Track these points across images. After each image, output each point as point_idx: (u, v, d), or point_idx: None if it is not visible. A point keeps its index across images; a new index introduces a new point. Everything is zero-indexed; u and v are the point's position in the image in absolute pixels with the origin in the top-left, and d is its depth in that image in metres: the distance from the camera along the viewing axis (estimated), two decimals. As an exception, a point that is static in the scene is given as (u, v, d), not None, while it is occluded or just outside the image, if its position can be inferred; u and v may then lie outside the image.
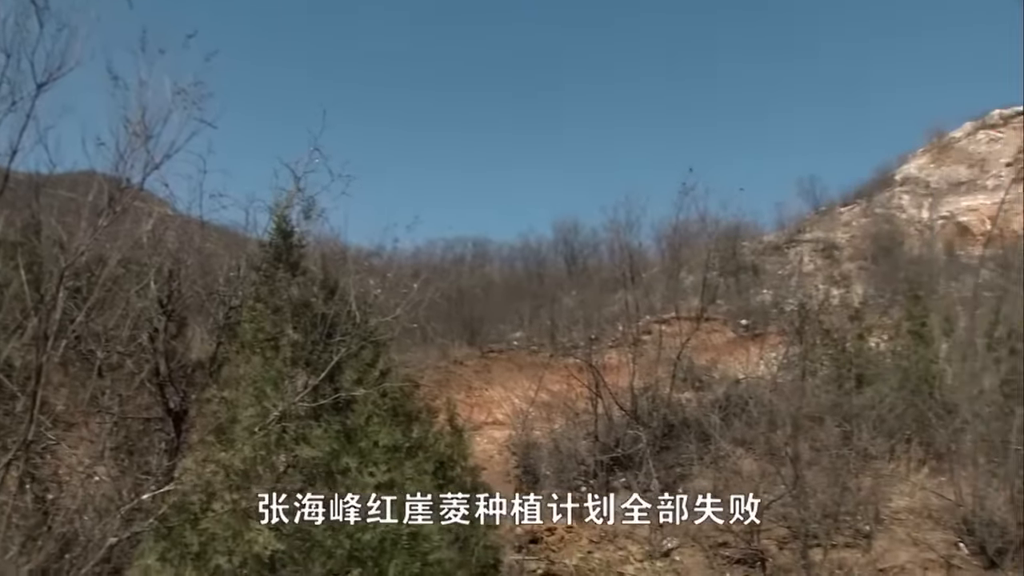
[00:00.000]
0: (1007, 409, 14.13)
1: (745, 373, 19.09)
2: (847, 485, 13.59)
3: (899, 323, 19.41)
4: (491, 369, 26.45)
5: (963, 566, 12.73)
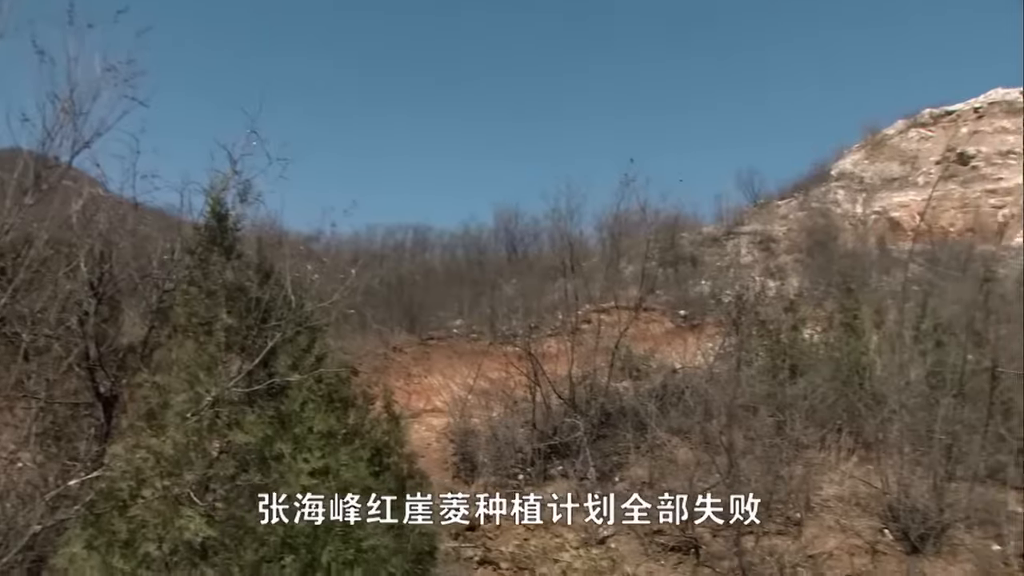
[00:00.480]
0: (932, 400, 14.49)
1: (682, 363, 19.31)
2: (780, 474, 13.85)
3: (832, 315, 19.78)
4: (430, 357, 26.36)
5: (887, 551, 13.06)
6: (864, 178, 55.22)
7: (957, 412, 14.24)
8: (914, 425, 14.32)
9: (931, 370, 15.39)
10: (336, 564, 7.98)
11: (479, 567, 13.63)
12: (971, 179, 52.74)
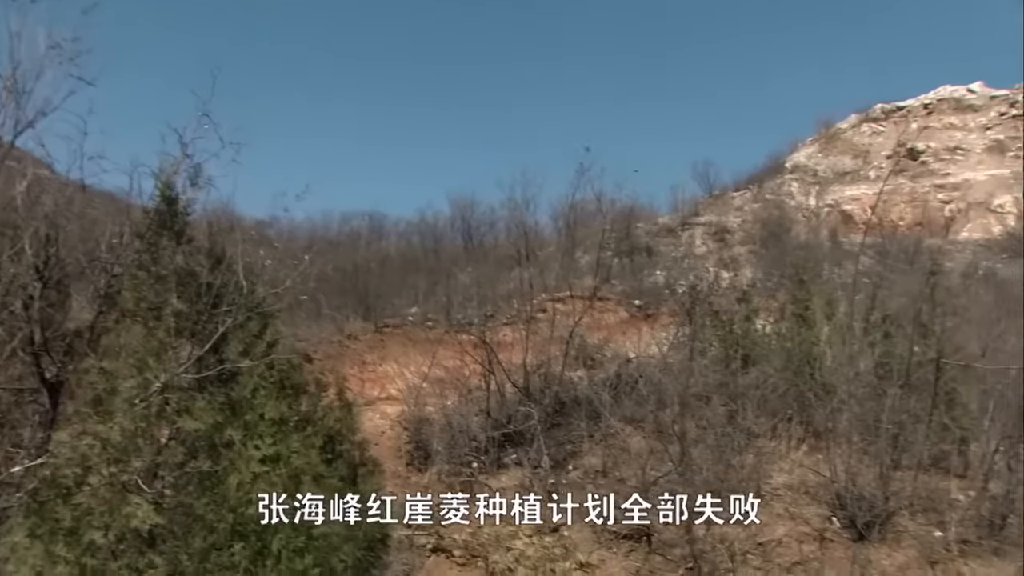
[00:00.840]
0: (880, 390, 14.74)
1: (636, 352, 19.38)
2: (731, 462, 13.97)
3: (784, 306, 19.99)
4: (386, 344, 26.23)
5: (835, 539, 13.26)
6: (817, 171, 55.98)
7: (903, 402, 14.51)
8: (862, 415, 14.56)
9: (879, 361, 15.65)
10: (286, 552, 7.93)
11: (432, 555, 13.61)
12: (920, 174, 53.67)
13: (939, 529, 13.68)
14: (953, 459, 15.45)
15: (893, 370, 15.09)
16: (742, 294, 21.17)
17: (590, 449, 15.29)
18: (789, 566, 12.79)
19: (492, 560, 12.76)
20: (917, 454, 14.46)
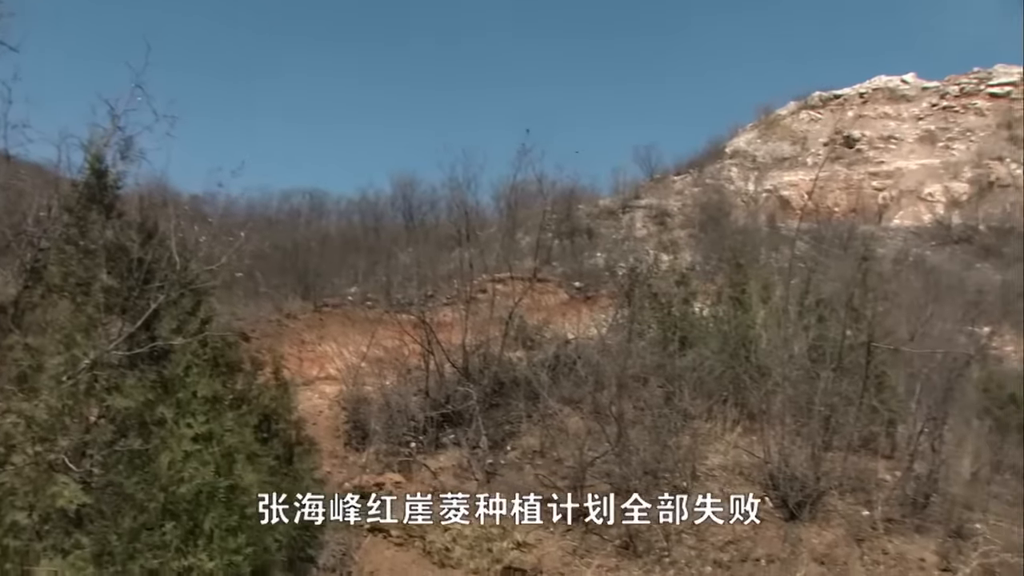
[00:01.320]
0: (813, 373, 15.01)
1: (575, 334, 19.48)
2: (667, 443, 14.13)
3: (721, 289, 20.22)
4: (325, 324, 25.99)
5: (767, 518, 13.46)
6: (757, 157, 56.77)
7: (835, 385, 14.77)
8: (795, 397, 14.80)
9: (812, 344, 15.91)
10: (219, 531, 7.82)
11: (369, 534, 13.52)
12: (855, 162, 54.72)
13: (866, 508, 14.00)
14: (881, 440, 15.84)
15: (826, 353, 15.37)
16: (681, 277, 21.38)
17: (528, 430, 15.32)
18: (722, 545, 12.98)
19: (429, 540, 12.73)
20: (847, 435, 14.75)
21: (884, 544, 13.33)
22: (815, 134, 57.72)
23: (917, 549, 13.45)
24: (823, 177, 47.14)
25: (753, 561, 12.75)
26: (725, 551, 12.92)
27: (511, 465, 14.69)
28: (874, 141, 56.31)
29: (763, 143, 58.45)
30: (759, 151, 57.45)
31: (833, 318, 16.71)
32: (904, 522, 13.93)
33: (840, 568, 12.65)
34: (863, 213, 47.01)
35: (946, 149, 55.46)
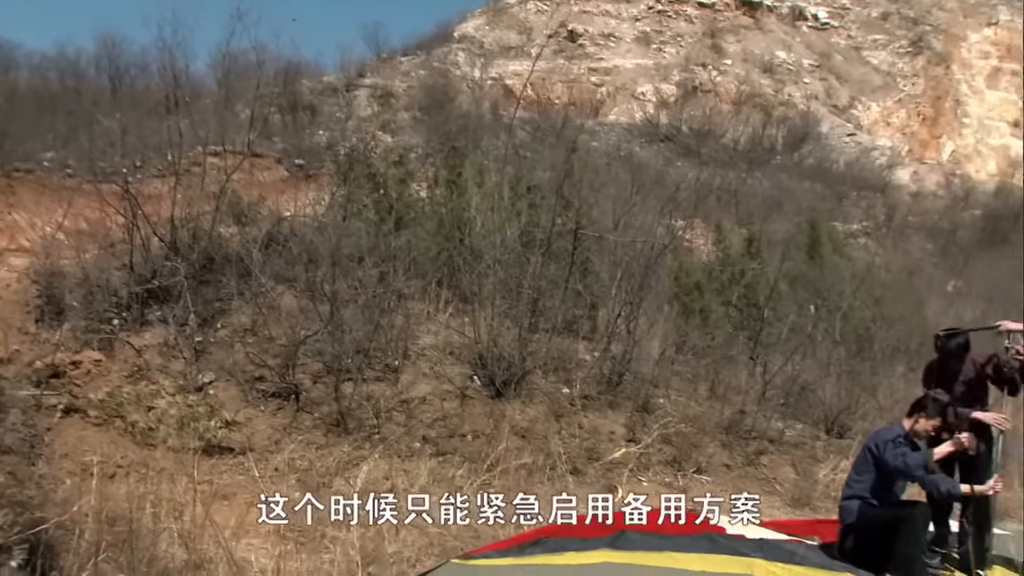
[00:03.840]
0: (523, 258, 15.58)
1: (293, 211, 18.97)
2: (380, 322, 14.21)
3: (439, 172, 20.37)
4: (16, 191, 23.72)
5: (475, 396, 13.99)
6: (484, 43, 57.13)
7: (544, 269, 15.40)
8: (506, 280, 15.27)
9: (524, 230, 16.40)
10: None
11: (64, 416, 12.70)
12: (577, 56, 56.51)
13: (566, 386, 14.87)
14: (583, 323, 16.78)
15: (536, 239, 15.93)
16: (399, 157, 21.30)
17: (240, 307, 14.82)
18: (431, 422, 13.35)
19: (130, 420, 12.16)
20: (553, 318, 15.51)
21: (580, 419, 14.30)
22: (541, 25, 58.84)
23: (609, 423, 14.57)
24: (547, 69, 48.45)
25: (460, 436, 13.24)
26: (433, 427, 13.32)
27: (221, 343, 14.21)
28: (595, 37, 58.34)
29: (491, 30, 58.88)
30: (487, 38, 57.86)
31: (544, 205, 17.31)
32: (599, 399, 15.00)
33: (539, 441, 13.43)
34: (581, 107, 48.84)
35: (659, 51, 58.59)
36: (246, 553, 8.67)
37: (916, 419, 9.15)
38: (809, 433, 16.42)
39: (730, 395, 16.17)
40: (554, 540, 8.40)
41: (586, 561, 7.99)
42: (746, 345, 18.33)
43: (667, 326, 17.55)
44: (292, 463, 11.61)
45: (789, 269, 21.38)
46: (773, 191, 33.80)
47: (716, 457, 14.50)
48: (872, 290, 22.90)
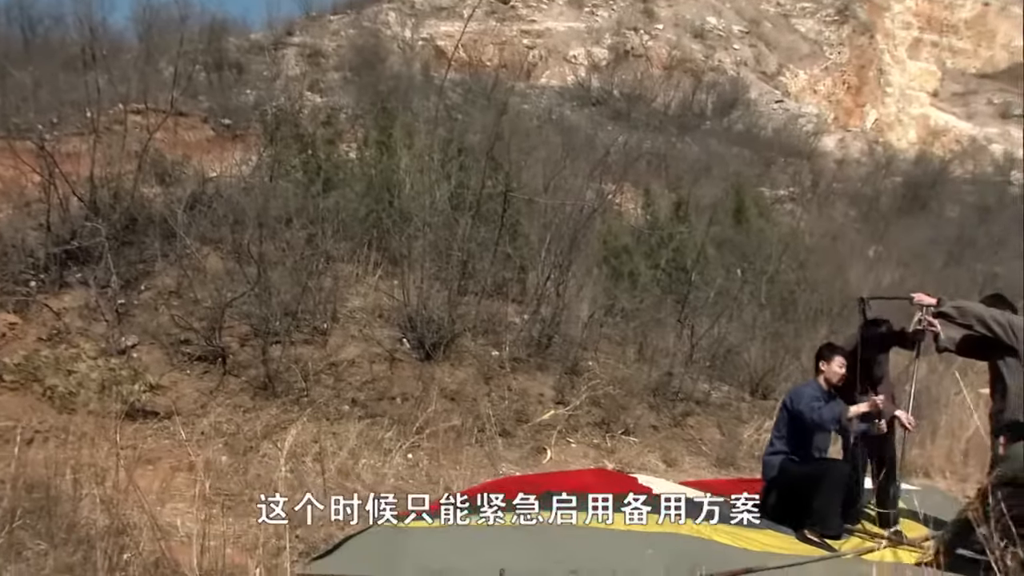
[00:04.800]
0: (453, 220, 15.54)
1: (219, 172, 18.58)
2: (308, 285, 14.07)
3: (369, 133, 20.12)
4: (-82, 148, 22.77)
5: (404, 359, 13.99)
6: (415, 3, 56.39)
7: (473, 232, 15.38)
8: (436, 242, 15.24)
9: (454, 192, 16.35)
10: None
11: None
12: (510, 18, 56.14)
13: (496, 349, 14.95)
14: (513, 286, 16.82)
15: (466, 201, 15.88)
16: (327, 118, 20.98)
17: (164, 269, 14.50)
18: (360, 385, 13.33)
19: (49, 384, 11.86)
20: (482, 280, 15.52)
21: (509, 381, 14.41)
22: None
23: (538, 385, 14.70)
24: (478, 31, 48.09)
25: (389, 399, 13.25)
26: (362, 390, 13.29)
27: (145, 306, 13.92)
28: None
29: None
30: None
31: (474, 168, 17.24)
32: (528, 361, 15.12)
33: (469, 404, 13.51)
34: (513, 69, 48.61)
35: (591, 15, 58.49)
36: (171, 518, 8.59)
37: (820, 368, 9.49)
38: (734, 394, 16.80)
39: (658, 358, 16.42)
40: (482, 502, 8.45)
41: (514, 523, 8.08)
42: (674, 308, 18.58)
43: (596, 289, 17.71)
44: (219, 427, 11.50)
45: (716, 233, 21.68)
46: (702, 156, 34.13)
47: (644, 419, 14.74)
48: (797, 254, 23.38)
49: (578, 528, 8.06)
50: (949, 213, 40.19)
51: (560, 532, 8.02)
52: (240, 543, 8.22)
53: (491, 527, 7.91)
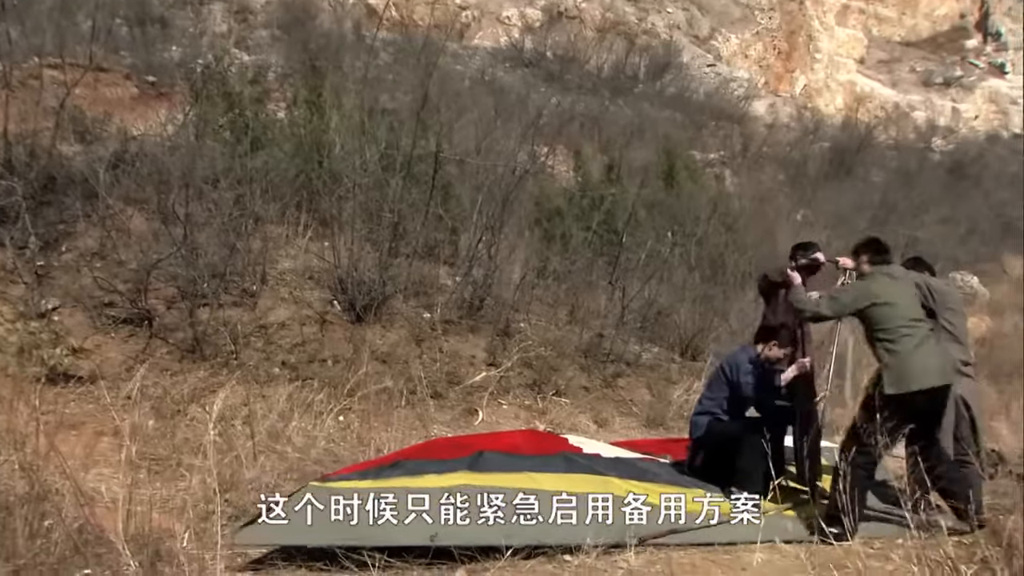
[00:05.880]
0: (384, 181, 15.40)
1: (143, 130, 18.09)
2: (237, 247, 13.85)
3: (298, 92, 19.79)
4: None
5: (335, 321, 13.89)
6: (346, -40, 55.27)
7: (405, 193, 15.28)
8: (366, 204, 15.10)
9: (384, 153, 16.19)
10: None
11: None
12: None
13: (427, 311, 14.93)
14: (444, 247, 16.80)
15: (396, 162, 15.74)
16: (254, 76, 20.56)
17: (86, 230, 14.10)
18: (290, 347, 13.22)
19: (-38, 351, 11.52)
20: (414, 242, 15.45)
21: (441, 344, 14.41)
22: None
23: (470, 347, 14.74)
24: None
25: (320, 361, 13.16)
26: (293, 353, 13.18)
27: (66, 267, 13.53)
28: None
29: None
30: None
31: (405, 128, 17.07)
32: (460, 323, 15.14)
33: (400, 366, 13.50)
34: (446, 29, 48.05)
35: (526, -27, 58.01)
36: (95, 483, 8.43)
37: (769, 346, 9.69)
38: (664, 356, 17.05)
39: (589, 319, 16.57)
40: (413, 462, 8.50)
41: (446, 484, 8.13)
42: (605, 270, 18.76)
43: (528, 251, 17.77)
44: (145, 390, 11.27)
45: (647, 196, 21.86)
46: (635, 119, 34.23)
47: (575, 380, 14.89)
48: (726, 218, 23.73)
49: (507, 489, 8.14)
50: (874, 178, 41.09)
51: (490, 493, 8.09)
52: (167, 507, 8.14)
53: (421, 489, 7.94)
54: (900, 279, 9.06)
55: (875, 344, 8.72)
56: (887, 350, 8.52)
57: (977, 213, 38.45)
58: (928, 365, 8.43)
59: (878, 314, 8.64)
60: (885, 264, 9.06)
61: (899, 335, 8.49)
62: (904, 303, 8.76)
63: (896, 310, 8.63)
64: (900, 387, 8.29)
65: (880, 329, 8.62)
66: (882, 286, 8.80)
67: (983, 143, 55.34)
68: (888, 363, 8.46)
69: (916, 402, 8.31)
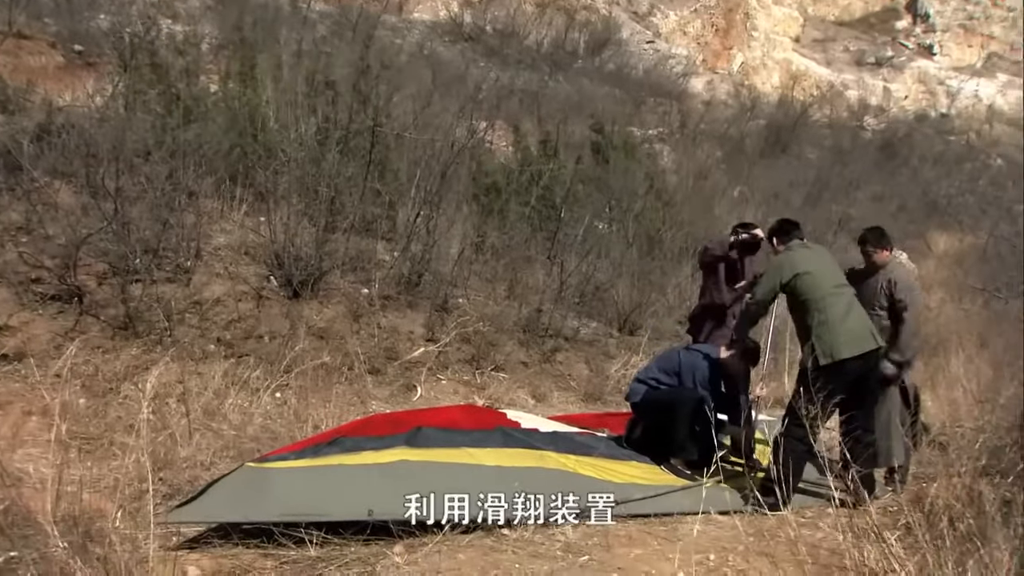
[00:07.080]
0: (320, 155, 15.22)
1: (70, 101, 17.59)
2: (169, 221, 13.57)
3: (231, 64, 19.41)
4: None
5: (271, 297, 13.71)
6: (281, -72, 54.19)
7: (341, 167, 15.11)
8: (302, 178, 14.91)
9: (320, 126, 15.99)
10: None
11: None
12: (381, -51, 54.57)
13: (365, 286, 14.82)
14: (382, 222, 16.66)
15: (333, 136, 15.56)
16: (185, 47, 20.09)
17: (10, 204, 13.66)
18: (226, 324, 13.01)
19: None
20: (351, 217, 15.30)
21: (379, 319, 14.33)
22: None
23: (408, 323, 14.68)
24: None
25: (256, 338, 12.98)
26: (228, 329, 12.98)
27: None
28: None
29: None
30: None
31: (342, 102, 16.88)
32: (398, 299, 15.06)
33: (337, 342, 13.39)
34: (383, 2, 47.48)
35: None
36: (23, 464, 8.25)
37: (733, 355, 9.84)
38: (602, 331, 17.18)
39: (528, 294, 16.61)
40: (351, 440, 8.45)
41: (383, 460, 8.11)
42: (544, 245, 18.81)
43: (466, 226, 17.73)
44: (75, 368, 10.99)
45: (585, 172, 21.94)
46: (573, 94, 34.28)
47: (514, 355, 14.94)
48: (663, 194, 23.93)
49: (445, 464, 8.15)
50: (808, 155, 41.77)
51: (426, 468, 8.09)
52: (99, 487, 7.99)
53: (358, 466, 7.91)
54: (814, 249, 9.34)
55: (804, 315, 8.91)
56: (817, 320, 8.71)
57: (905, 191, 39.39)
58: (857, 331, 8.68)
59: (802, 284, 8.87)
60: (796, 240, 9.33)
61: (826, 303, 8.73)
62: (825, 270, 9.03)
63: (818, 278, 8.89)
64: (834, 356, 8.49)
65: (807, 299, 8.83)
66: (801, 256, 9.08)
67: (912, 122, 56.53)
68: (819, 334, 8.65)
69: (849, 369, 8.51)
